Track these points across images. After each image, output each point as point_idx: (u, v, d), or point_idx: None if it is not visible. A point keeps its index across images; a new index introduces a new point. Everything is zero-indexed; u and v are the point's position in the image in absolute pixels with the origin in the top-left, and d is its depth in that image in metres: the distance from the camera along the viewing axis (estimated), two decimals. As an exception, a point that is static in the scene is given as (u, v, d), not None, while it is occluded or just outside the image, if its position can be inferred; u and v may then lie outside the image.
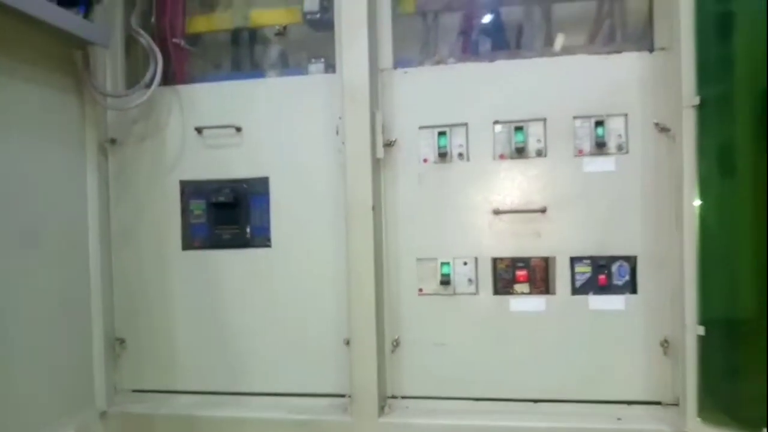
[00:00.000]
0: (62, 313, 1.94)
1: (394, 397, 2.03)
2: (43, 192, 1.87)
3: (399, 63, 2.03)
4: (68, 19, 1.81)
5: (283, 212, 2.08)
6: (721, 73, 1.70)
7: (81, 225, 2.06)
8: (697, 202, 1.72)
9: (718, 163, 1.74)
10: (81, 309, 2.05)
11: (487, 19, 2.07)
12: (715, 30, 1.71)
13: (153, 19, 2.19)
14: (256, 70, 2.23)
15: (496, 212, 1.93)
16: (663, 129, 1.82)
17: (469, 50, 2.07)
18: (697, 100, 1.69)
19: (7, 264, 1.71)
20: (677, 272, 1.78)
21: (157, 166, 2.15)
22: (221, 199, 2.09)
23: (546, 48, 2.02)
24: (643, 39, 1.90)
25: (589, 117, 1.88)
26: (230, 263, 2.11)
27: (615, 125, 1.87)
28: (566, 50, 1.98)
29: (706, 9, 1.71)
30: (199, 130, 2.10)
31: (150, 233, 2.17)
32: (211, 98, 2.11)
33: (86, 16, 1.89)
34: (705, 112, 1.70)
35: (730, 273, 1.74)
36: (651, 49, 1.85)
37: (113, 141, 2.16)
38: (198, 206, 2.13)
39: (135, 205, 2.17)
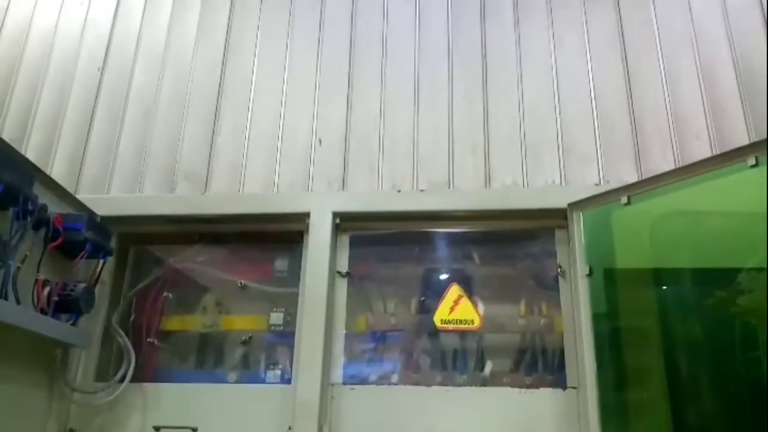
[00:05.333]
0: None
1: None
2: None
3: (348, 377, 2.28)
4: (59, 329, 2.04)
5: None
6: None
7: None
8: None
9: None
10: None
11: (427, 342, 2.39)
12: (613, 379, 2.05)
13: (132, 319, 2.46)
14: (218, 370, 2.45)
15: None
16: (579, 462, 2.05)
17: (410, 367, 2.36)
18: (602, 438, 1.95)
19: None
20: None
21: (110, 457, 2.24)
22: (165, 501, 2.15)
23: (476, 372, 2.31)
24: (559, 375, 2.21)
25: (512, 444, 2.11)
26: None
27: (536, 454, 2.09)
28: (494, 376, 2.26)
29: (605, 362, 2.06)
30: (157, 429, 2.24)
31: None
32: (172, 398, 2.29)
33: (74, 323, 2.13)
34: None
35: None
36: (564, 387, 2.16)
37: (72, 430, 2.26)
38: (142, 505, 2.17)
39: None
